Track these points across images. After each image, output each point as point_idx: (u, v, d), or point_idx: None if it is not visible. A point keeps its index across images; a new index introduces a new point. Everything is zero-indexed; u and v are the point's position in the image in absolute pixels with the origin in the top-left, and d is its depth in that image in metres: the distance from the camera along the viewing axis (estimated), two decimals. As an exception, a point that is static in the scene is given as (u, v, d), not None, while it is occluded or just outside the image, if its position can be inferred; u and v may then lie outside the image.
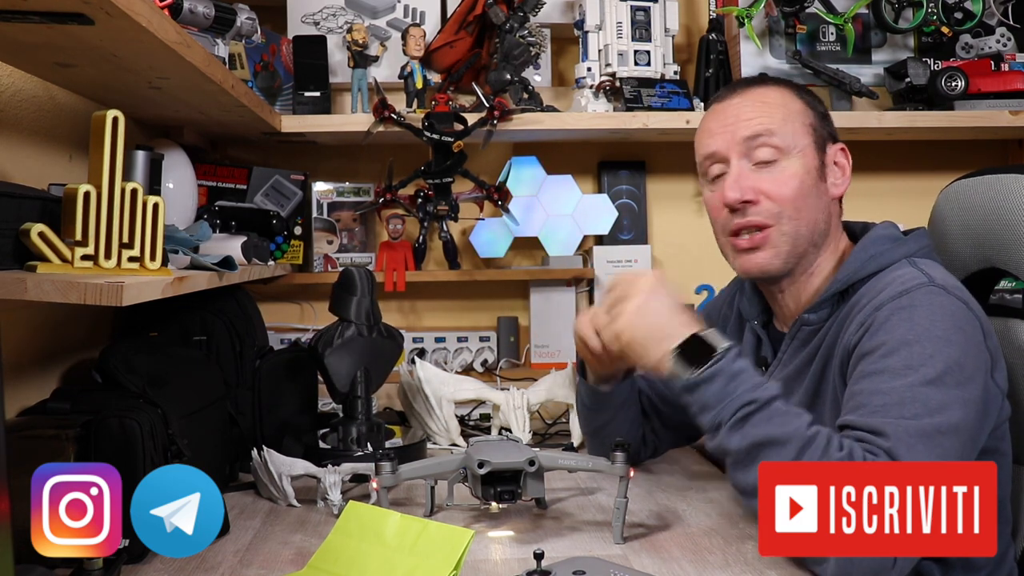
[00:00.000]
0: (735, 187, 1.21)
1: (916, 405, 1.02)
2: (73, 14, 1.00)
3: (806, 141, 1.23)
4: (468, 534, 0.99)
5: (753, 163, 1.22)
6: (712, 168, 1.25)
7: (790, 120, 1.22)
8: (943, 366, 1.05)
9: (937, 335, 1.07)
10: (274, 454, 1.38)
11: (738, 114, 1.24)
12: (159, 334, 1.59)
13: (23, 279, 0.97)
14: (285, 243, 1.96)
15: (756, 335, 1.34)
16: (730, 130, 1.23)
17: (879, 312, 1.11)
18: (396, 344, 1.64)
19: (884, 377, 1.06)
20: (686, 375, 1.07)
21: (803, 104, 1.26)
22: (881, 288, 1.14)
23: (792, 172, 1.21)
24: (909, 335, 1.07)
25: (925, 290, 1.11)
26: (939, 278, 1.14)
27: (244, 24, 1.64)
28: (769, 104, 1.24)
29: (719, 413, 1.05)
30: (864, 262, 1.20)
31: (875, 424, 1.02)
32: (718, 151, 1.24)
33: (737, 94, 1.27)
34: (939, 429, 1.01)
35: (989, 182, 1.33)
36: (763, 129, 1.21)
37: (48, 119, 1.42)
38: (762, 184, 1.20)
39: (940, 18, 2.07)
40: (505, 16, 1.96)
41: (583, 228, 2.17)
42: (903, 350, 1.06)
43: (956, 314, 1.10)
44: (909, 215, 1.45)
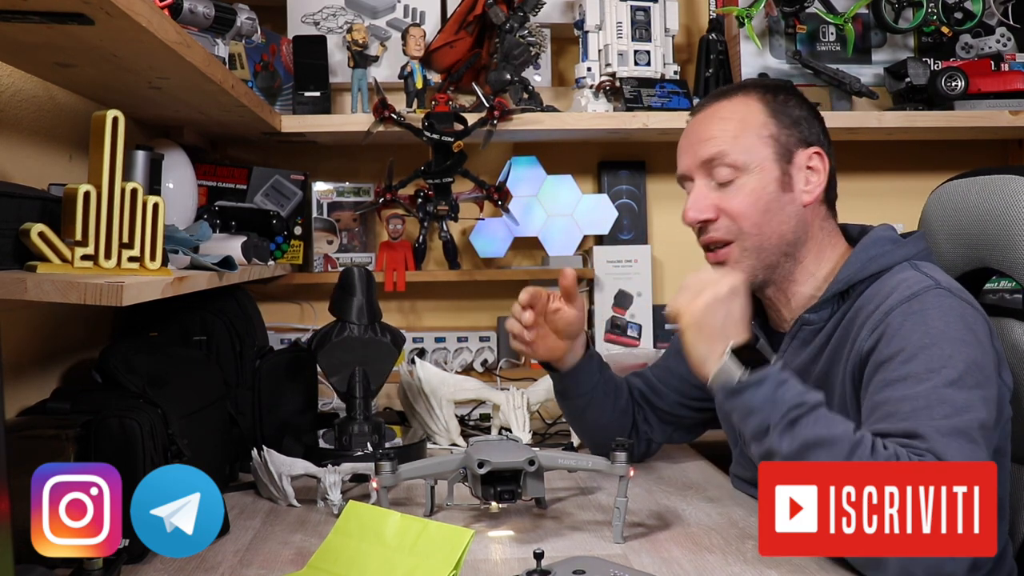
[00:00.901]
0: (694, 207, 1.25)
1: (944, 407, 1.04)
2: (73, 14, 1.00)
3: (764, 154, 1.23)
4: (468, 534, 0.99)
5: (715, 181, 1.25)
6: (686, 185, 1.30)
7: (744, 135, 1.24)
8: (963, 366, 1.06)
9: (952, 337, 1.09)
10: (274, 454, 1.38)
11: (699, 133, 1.27)
12: (159, 334, 1.59)
13: (23, 279, 0.97)
14: (285, 243, 1.96)
15: (754, 335, 1.33)
16: (692, 150, 1.27)
17: (891, 317, 1.12)
18: (390, 344, 1.63)
19: (908, 383, 1.07)
20: (737, 374, 1.08)
21: (766, 115, 1.25)
22: (888, 291, 1.15)
23: (749, 189, 1.23)
24: (926, 339, 1.09)
25: (933, 293, 1.12)
26: (943, 281, 1.16)
27: (244, 24, 1.64)
28: (725, 120, 1.26)
29: (768, 416, 1.06)
30: (865, 263, 1.21)
31: (909, 428, 1.03)
32: (684, 172, 1.29)
33: (703, 110, 1.30)
34: (970, 426, 1.03)
35: (983, 183, 1.33)
36: (716, 151, 1.24)
37: (48, 119, 1.42)
38: (720, 202, 1.24)
39: (940, 18, 2.07)
40: (505, 16, 1.96)
41: (583, 228, 2.17)
42: (922, 354, 1.08)
43: (965, 316, 1.12)
44: (909, 215, 1.45)
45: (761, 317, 1.35)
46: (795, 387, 1.07)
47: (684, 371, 1.51)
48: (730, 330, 1.11)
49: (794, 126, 1.26)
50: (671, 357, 1.54)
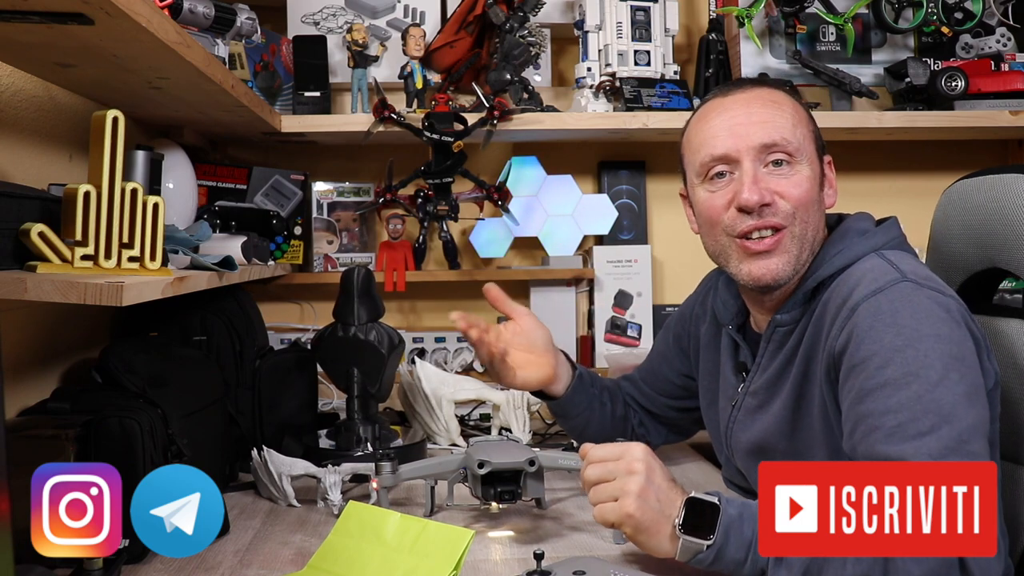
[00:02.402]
0: (754, 189, 1.14)
1: (929, 416, 0.99)
2: (73, 14, 1.00)
3: (811, 148, 1.19)
4: (468, 534, 0.99)
5: (764, 165, 1.17)
6: (715, 168, 1.19)
7: (799, 125, 1.19)
8: (942, 364, 1.01)
9: (926, 333, 1.03)
10: (274, 454, 1.39)
11: (749, 115, 1.18)
12: (159, 334, 1.59)
13: (23, 279, 0.97)
14: (285, 243, 1.96)
15: (733, 340, 1.30)
16: (743, 132, 1.17)
17: (857, 314, 1.07)
18: (375, 344, 1.61)
19: (887, 391, 1.02)
20: (703, 552, 1.05)
21: (806, 112, 1.23)
22: (853, 284, 1.10)
23: (803, 177, 1.17)
24: (898, 340, 1.03)
25: (900, 287, 1.07)
26: (910, 271, 1.10)
27: (244, 24, 1.64)
28: (778, 105, 1.19)
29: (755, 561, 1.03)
30: (831, 258, 1.17)
31: (895, 453, 0.99)
32: (728, 154, 1.18)
33: (743, 91, 1.21)
34: (960, 438, 0.98)
35: (991, 182, 1.32)
36: (779, 137, 1.16)
37: (48, 119, 1.42)
38: (777, 186, 1.16)
39: (940, 18, 2.07)
40: (505, 16, 1.96)
41: (583, 228, 2.17)
42: (897, 358, 1.02)
43: (936, 307, 1.06)
44: (909, 215, 1.45)
45: (740, 316, 1.31)
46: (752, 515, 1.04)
47: (668, 373, 1.50)
48: (668, 506, 1.07)
49: (818, 130, 1.23)
50: (654, 359, 1.53)
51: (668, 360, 1.49)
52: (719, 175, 1.19)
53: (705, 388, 1.39)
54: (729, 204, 1.17)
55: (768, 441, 1.20)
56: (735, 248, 1.18)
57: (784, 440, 1.18)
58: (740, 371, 1.29)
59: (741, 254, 1.18)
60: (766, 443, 1.20)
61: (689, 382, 1.47)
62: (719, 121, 1.20)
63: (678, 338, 1.48)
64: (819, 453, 1.14)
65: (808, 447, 1.16)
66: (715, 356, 1.35)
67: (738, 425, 1.26)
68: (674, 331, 1.49)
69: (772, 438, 1.20)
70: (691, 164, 1.24)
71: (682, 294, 2.23)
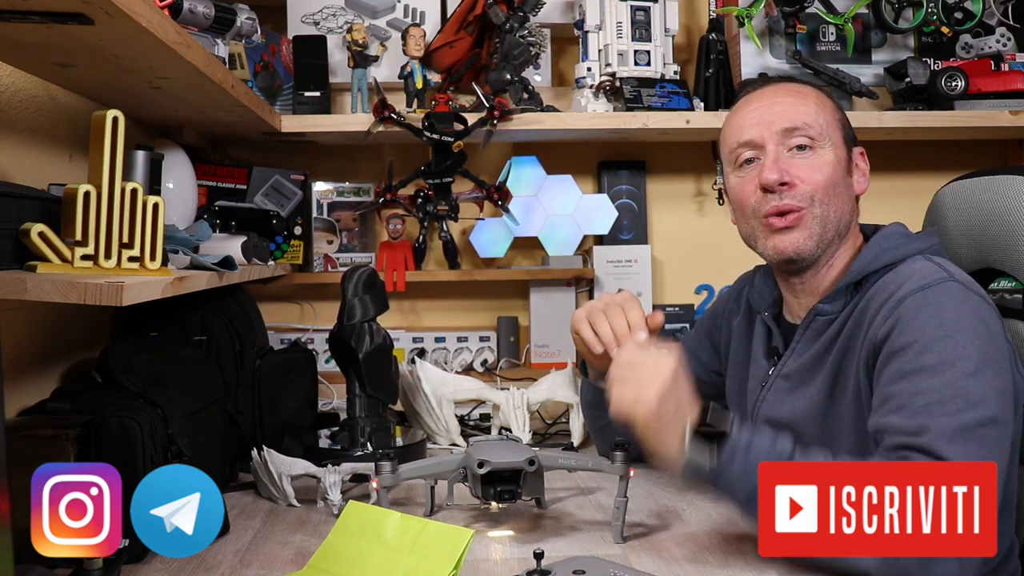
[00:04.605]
0: (774, 168, 1.23)
1: (957, 400, 1.04)
2: (73, 14, 1.00)
3: (837, 135, 1.26)
4: (468, 534, 0.99)
5: (787, 149, 1.24)
6: (743, 154, 1.27)
7: (822, 112, 1.26)
8: (979, 358, 1.06)
9: (967, 328, 1.08)
10: (274, 454, 1.38)
11: (774, 103, 1.27)
12: (159, 334, 1.59)
13: (23, 279, 0.97)
14: (285, 243, 1.96)
15: (767, 326, 1.35)
16: (767, 119, 1.26)
17: (903, 305, 1.12)
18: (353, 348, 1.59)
19: (923, 376, 1.07)
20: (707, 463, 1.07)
21: (832, 103, 1.30)
22: (901, 280, 1.16)
23: (825, 160, 1.24)
24: (940, 331, 1.08)
25: (947, 285, 1.13)
26: (957, 274, 1.16)
27: (244, 24, 1.64)
28: (802, 95, 1.28)
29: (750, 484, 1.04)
30: (878, 255, 1.22)
31: (916, 425, 1.04)
32: (753, 139, 1.26)
33: (771, 85, 1.31)
34: (980, 422, 1.03)
35: (986, 183, 1.33)
36: (801, 122, 1.24)
37: (48, 119, 1.42)
38: (797, 169, 1.23)
39: (940, 18, 2.07)
40: (505, 16, 1.96)
41: (583, 228, 2.17)
42: (936, 346, 1.07)
43: (979, 310, 1.12)
44: (909, 215, 1.45)
45: (776, 306, 1.36)
46: (762, 444, 1.07)
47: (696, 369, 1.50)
48: (684, 414, 1.09)
49: (847, 121, 1.31)
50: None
51: (697, 356, 1.51)
52: (748, 161, 1.27)
53: (733, 378, 1.44)
54: (756, 187, 1.25)
55: (798, 424, 1.24)
56: (761, 227, 1.26)
57: (813, 425, 1.23)
58: (772, 356, 1.33)
59: (766, 232, 1.25)
60: (795, 425, 1.24)
61: (716, 378, 1.50)
62: (747, 111, 1.29)
63: (709, 332, 1.53)
64: (846, 440, 1.18)
65: (836, 434, 1.20)
66: (747, 345, 1.41)
67: (766, 404, 1.31)
68: (706, 326, 1.55)
69: (802, 421, 1.24)
70: (724, 154, 1.33)
71: (682, 294, 2.25)
